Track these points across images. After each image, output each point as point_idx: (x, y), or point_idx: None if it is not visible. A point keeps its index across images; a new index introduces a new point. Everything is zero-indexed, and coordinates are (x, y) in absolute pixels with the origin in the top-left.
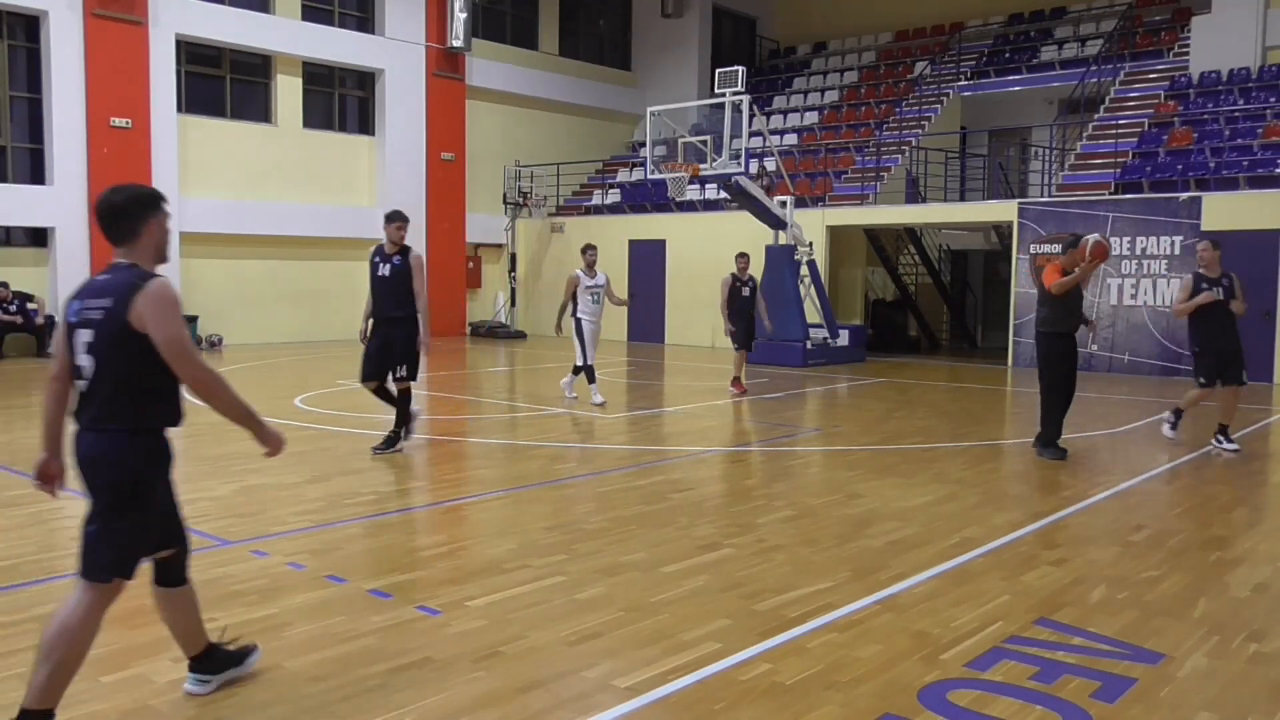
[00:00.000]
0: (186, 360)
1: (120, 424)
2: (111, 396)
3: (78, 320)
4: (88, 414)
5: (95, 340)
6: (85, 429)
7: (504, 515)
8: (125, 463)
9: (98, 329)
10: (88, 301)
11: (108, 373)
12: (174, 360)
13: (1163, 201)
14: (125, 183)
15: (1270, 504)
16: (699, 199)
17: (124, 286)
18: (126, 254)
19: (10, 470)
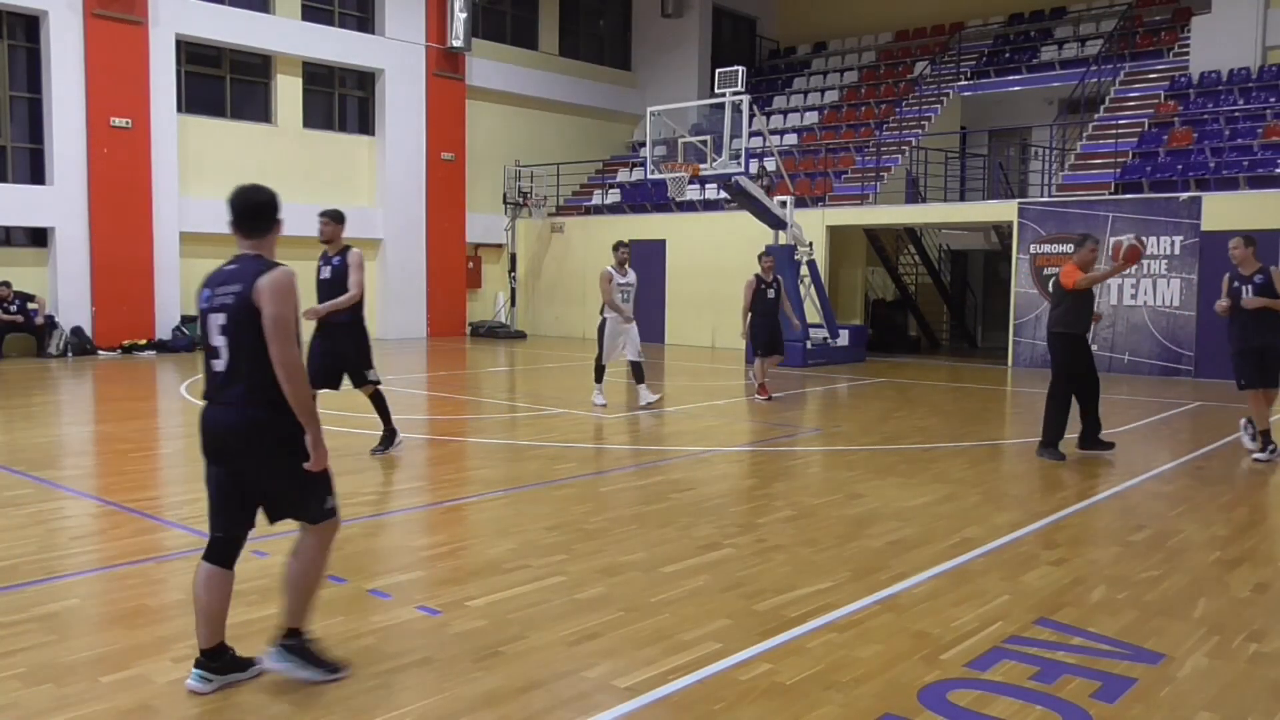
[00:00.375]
0: (283, 340)
1: (259, 398)
2: (249, 373)
3: (209, 306)
4: (227, 391)
5: (228, 323)
6: (224, 404)
7: (504, 515)
8: (274, 425)
9: (229, 313)
10: (218, 289)
11: (242, 353)
12: (271, 337)
13: (1163, 201)
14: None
15: (1270, 504)
16: (699, 199)
17: (251, 273)
18: (254, 247)
19: (10, 470)
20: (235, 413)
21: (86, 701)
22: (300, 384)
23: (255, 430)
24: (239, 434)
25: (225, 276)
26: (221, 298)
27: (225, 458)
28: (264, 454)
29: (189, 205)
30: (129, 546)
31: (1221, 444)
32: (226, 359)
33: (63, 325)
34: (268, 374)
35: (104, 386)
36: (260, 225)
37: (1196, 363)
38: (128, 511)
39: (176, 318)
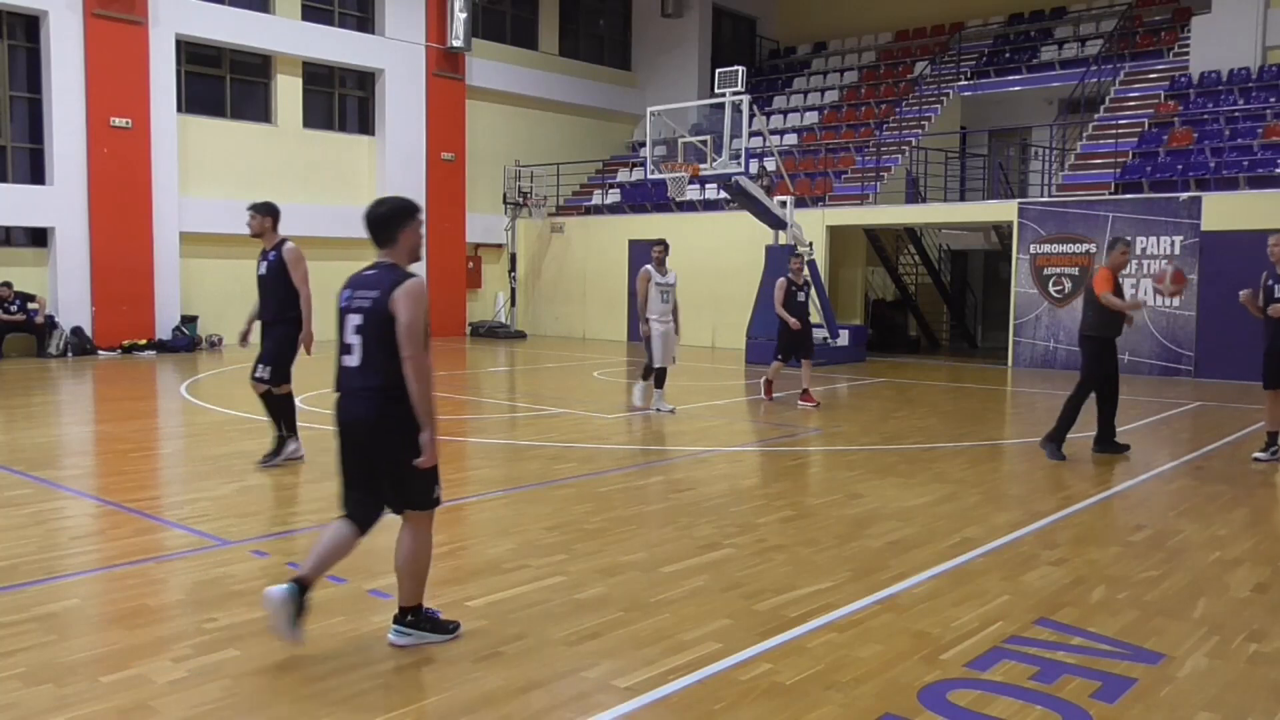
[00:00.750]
0: (413, 343)
1: (387, 391)
2: (380, 369)
3: (348, 306)
4: (358, 383)
5: (364, 324)
6: (355, 395)
7: (504, 515)
8: (398, 419)
9: (366, 315)
10: (357, 291)
11: (374, 351)
12: (403, 341)
13: (1163, 201)
14: (388, 197)
15: (1270, 504)
16: (699, 199)
17: (388, 282)
18: (387, 255)
19: (10, 470)
20: (364, 405)
21: (86, 701)
22: (425, 384)
23: (380, 421)
24: (367, 424)
25: (364, 281)
26: (359, 300)
27: (356, 443)
28: (382, 442)
29: (189, 205)
30: (129, 546)
31: (1221, 444)
32: (359, 356)
33: (63, 325)
34: (395, 372)
35: (104, 386)
36: (387, 235)
37: (1196, 363)
38: (128, 511)
39: (176, 317)
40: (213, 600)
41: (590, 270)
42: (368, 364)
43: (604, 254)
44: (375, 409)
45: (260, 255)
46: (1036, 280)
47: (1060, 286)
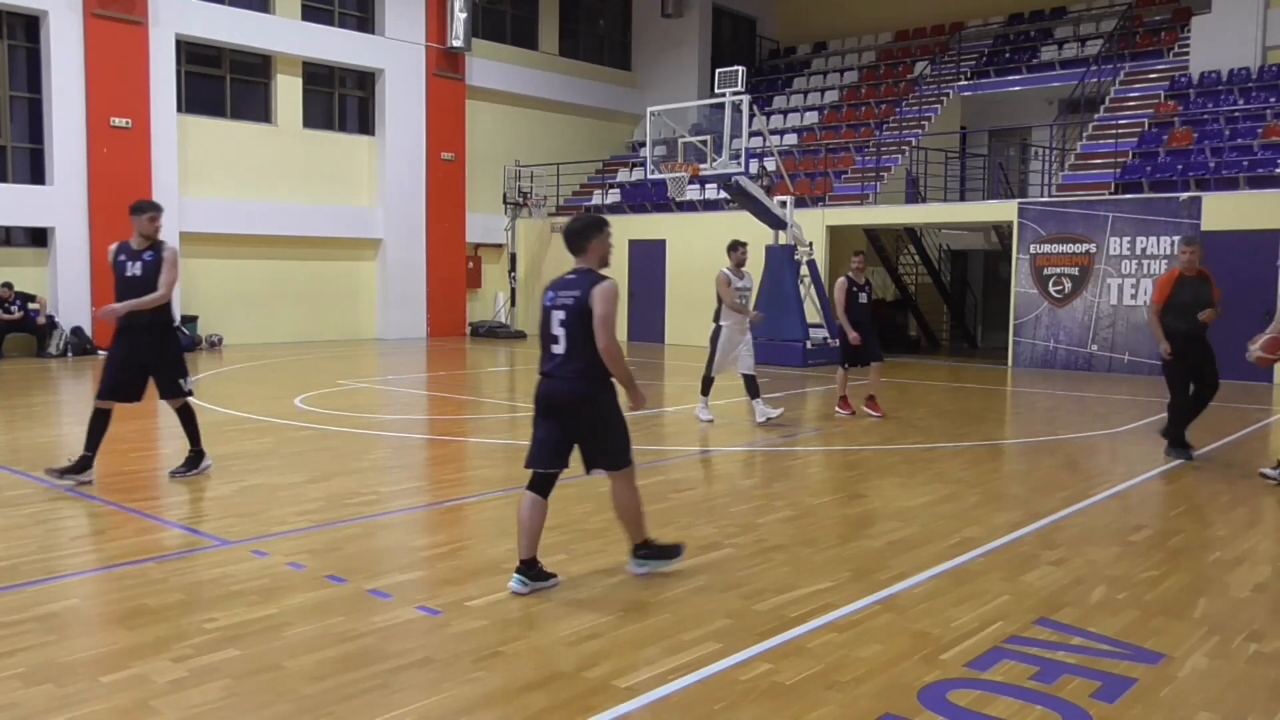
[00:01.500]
0: (606, 333)
1: (585, 374)
2: (580, 355)
3: (552, 304)
4: (563, 368)
5: (567, 318)
6: (560, 377)
7: (504, 515)
8: (597, 396)
9: (569, 311)
10: (560, 292)
11: (576, 340)
12: (599, 331)
13: (1163, 201)
14: (581, 214)
15: (1270, 504)
16: (699, 199)
17: (586, 283)
18: (582, 261)
19: (10, 470)
20: (568, 384)
21: (86, 701)
22: (619, 363)
23: (584, 397)
24: (571, 399)
25: (566, 283)
26: (563, 299)
27: (558, 416)
28: (586, 415)
29: (189, 205)
30: (129, 546)
31: (1222, 444)
32: (564, 344)
33: (63, 325)
34: (592, 356)
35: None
36: (579, 245)
37: None
38: (128, 511)
39: (176, 317)
40: (213, 600)
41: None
42: (572, 350)
43: None
44: (579, 387)
45: (125, 254)
46: (1036, 280)
47: (1060, 286)
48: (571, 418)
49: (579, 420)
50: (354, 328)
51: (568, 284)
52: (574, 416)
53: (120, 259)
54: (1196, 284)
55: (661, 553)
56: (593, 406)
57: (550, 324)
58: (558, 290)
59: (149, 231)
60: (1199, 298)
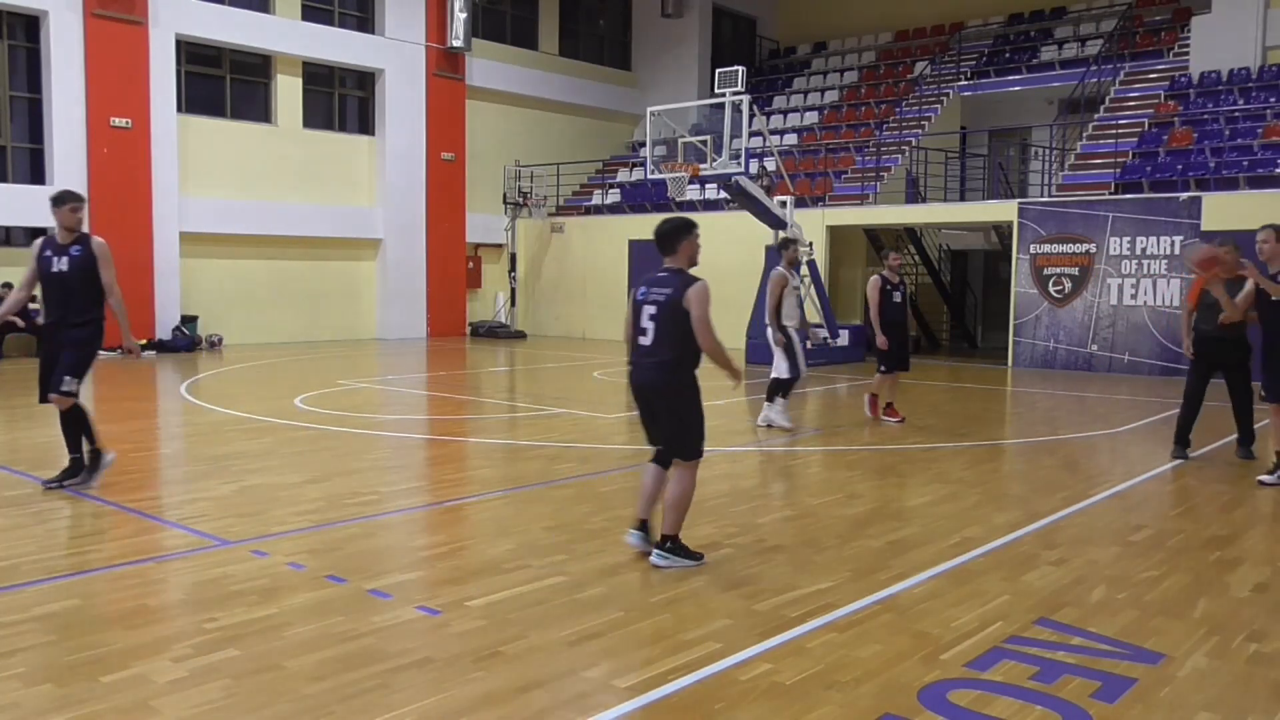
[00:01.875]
0: (705, 332)
1: (669, 365)
2: (667, 348)
3: (644, 299)
4: (653, 358)
5: (657, 313)
6: (649, 367)
7: (504, 515)
8: (679, 388)
9: (660, 307)
10: (652, 289)
11: (663, 334)
12: (699, 330)
13: (1163, 201)
14: (671, 216)
15: (1270, 504)
16: (699, 199)
17: (678, 283)
18: (671, 261)
19: (10, 470)
20: (652, 373)
21: (86, 701)
22: (722, 355)
23: (665, 386)
24: (655, 387)
25: (658, 281)
26: (655, 295)
27: (645, 401)
28: (666, 403)
29: (189, 205)
30: (129, 546)
31: (1221, 444)
32: (652, 336)
33: None
34: (677, 349)
35: (103, 387)
36: (668, 246)
37: None
38: (128, 511)
39: (176, 317)
40: (213, 600)
41: (590, 270)
42: (658, 342)
43: (604, 254)
44: (662, 376)
45: (50, 249)
46: (1036, 280)
47: (1060, 286)
48: (653, 403)
49: (659, 407)
50: (354, 328)
51: (660, 281)
52: (655, 402)
53: (45, 254)
54: (1230, 285)
55: (686, 554)
56: (673, 396)
57: (640, 317)
58: (650, 287)
59: (71, 224)
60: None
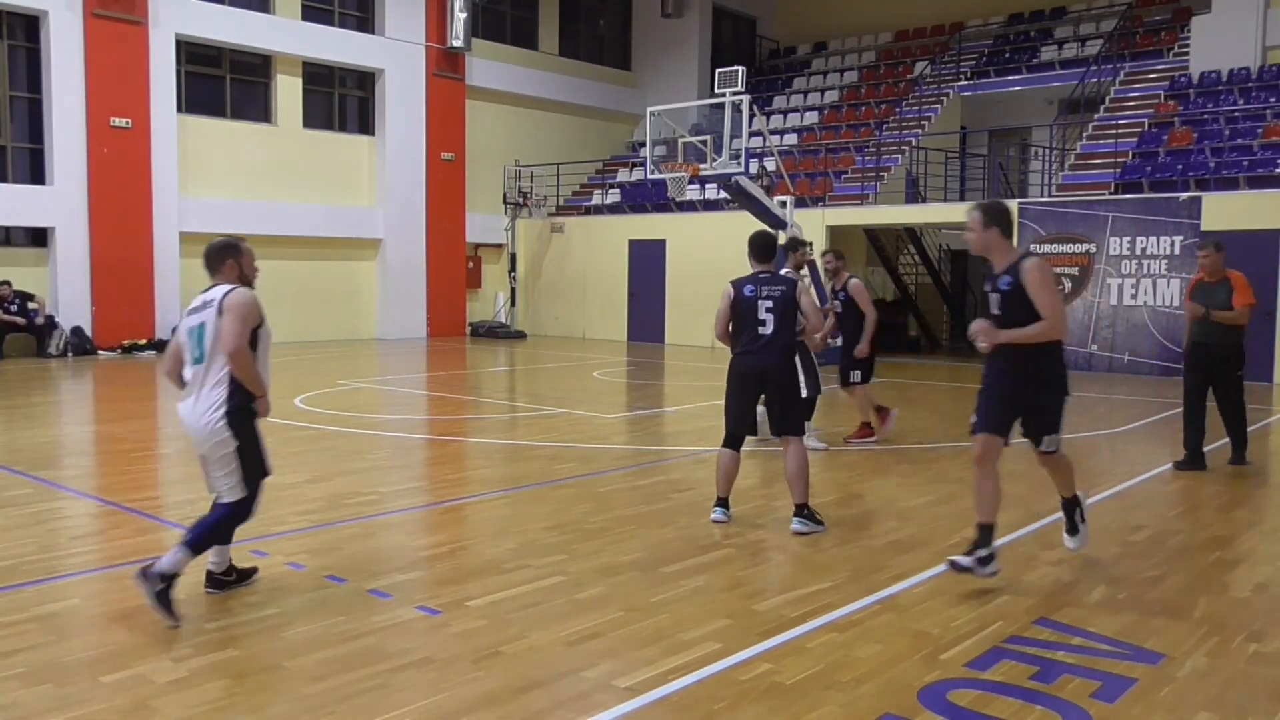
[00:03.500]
0: (815, 312)
1: (789, 350)
2: (784, 336)
3: (757, 295)
4: (769, 347)
5: (775, 306)
6: (765, 354)
7: (504, 515)
8: (794, 368)
9: (776, 301)
10: (763, 286)
11: (783, 324)
12: (810, 315)
13: (1163, 201)
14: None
15: (1270, 504)
16: (699, 199)
17: (791, 282)
18: (771, 267)
19: (10, 470)
20: (774, 359)
21: (86, 701)
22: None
23: (784, 369)
24: (776, 371)
25: (769, 280)
26: (769, 291)
27: (759, 384)
28: (784, 384)
29: (189, 205)
30: (129, 546)
31: (1221, 444)
32: (772, 327)
33: (63, 325)
34: (790, 337)
35: (104, 386)
36: (768, 255)
37: None
38: (128, 511)
39: (176, 318)
40: (213, 600)
41: (590, 270)
42: (779, 331)
43: (604, 254)
44: (784, 360)
45: None
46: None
47: (1060, 286)
48: (775, 386)
49: (774, 387)
50: (354, 328)
51: (772, 281)
52: (772, 384)
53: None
54: (1213, 289)
55: (815, 520)
56: (789, 378)
57: (757, 311)
58: (760, 285)
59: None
60: (1214, 304)
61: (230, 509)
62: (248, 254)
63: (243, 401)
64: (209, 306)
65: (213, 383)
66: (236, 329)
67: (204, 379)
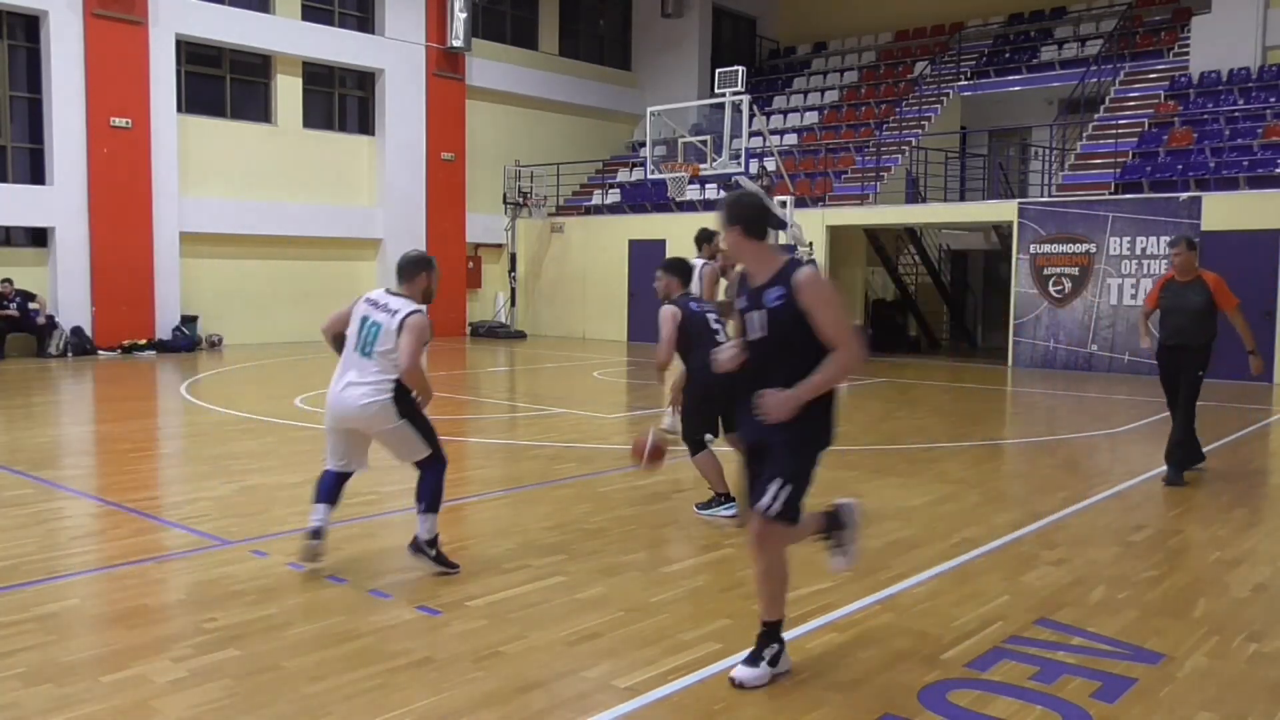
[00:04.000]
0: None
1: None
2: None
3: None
4: None
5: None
6: None
7: (504, 515)
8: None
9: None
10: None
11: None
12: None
13: (1163, 201)
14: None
15: (1270, 504)
16: (699, 199)
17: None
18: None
19: (10, 470)
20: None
21: (86, 701)
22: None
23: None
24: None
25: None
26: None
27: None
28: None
29: (189, 205)
30: (129, 546)
31: (1221, 444)
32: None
33: (63, 325)
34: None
35: (104, 386)
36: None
37: None
38: (128, 511)
39: (176, 317)
40: (213, 600)
41: (590, 270)
42: None
43: (604, 254)
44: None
45: None
46: (1036, 280)
47: (1060, 286)
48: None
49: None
50: None
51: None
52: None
53: None
54: (1184, 289)
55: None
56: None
57: (708, 323)
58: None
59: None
60: (1185, 305)
61: (431, 463)
62: (437, 273)
63: (404, 391)
64: (390, 315)
65: (374, 376)
66: (414, 349)
67: (365, 369)
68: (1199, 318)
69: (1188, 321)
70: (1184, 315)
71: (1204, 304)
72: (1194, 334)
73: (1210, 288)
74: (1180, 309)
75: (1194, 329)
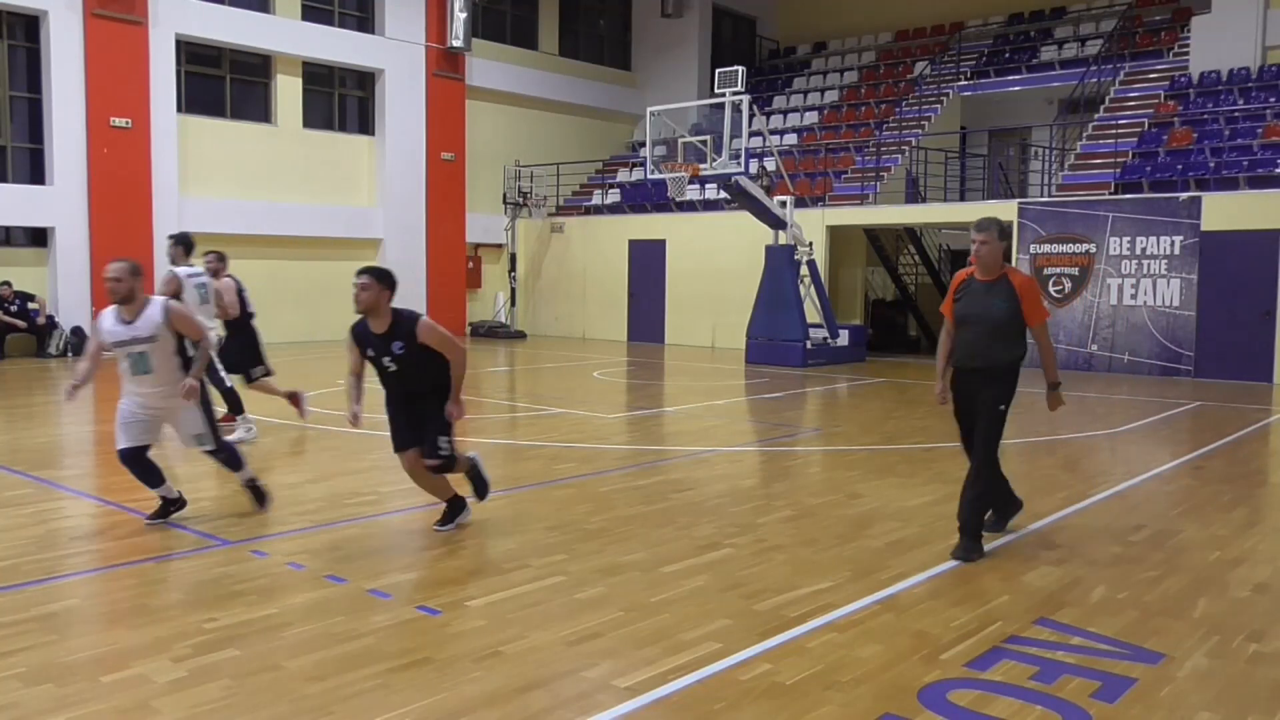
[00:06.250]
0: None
1: None
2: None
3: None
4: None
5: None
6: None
7: (504, 515)
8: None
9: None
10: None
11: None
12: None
13: (1163, 201)
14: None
15: (1270, 504)
16: (699, 199)
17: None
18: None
19: (10, 470)
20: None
21: (86, 701)
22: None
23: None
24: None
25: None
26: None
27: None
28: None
29: (189, 205)
30: (129, 546)
31: (1221, 444)
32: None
33: (63, 325)
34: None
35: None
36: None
37: (1196, 363)
38: (128, 511)
39: None
40: (213, 600)
41: (590, 270)
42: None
43: (604, 254)
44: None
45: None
46: (1036, 280)
47: (1060, 286)
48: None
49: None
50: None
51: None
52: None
53: None
54: (986, 292)
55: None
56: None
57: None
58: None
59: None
60: (985, 313)
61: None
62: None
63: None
64: None
65: None
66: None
67: None
68: (1002, 331)
69: (988, 336)
70: (983, 327)
71: (1009, 313)
72: (996, 353)
73: (1017, 293)
74: (979, 318)
75: (996, 347)
